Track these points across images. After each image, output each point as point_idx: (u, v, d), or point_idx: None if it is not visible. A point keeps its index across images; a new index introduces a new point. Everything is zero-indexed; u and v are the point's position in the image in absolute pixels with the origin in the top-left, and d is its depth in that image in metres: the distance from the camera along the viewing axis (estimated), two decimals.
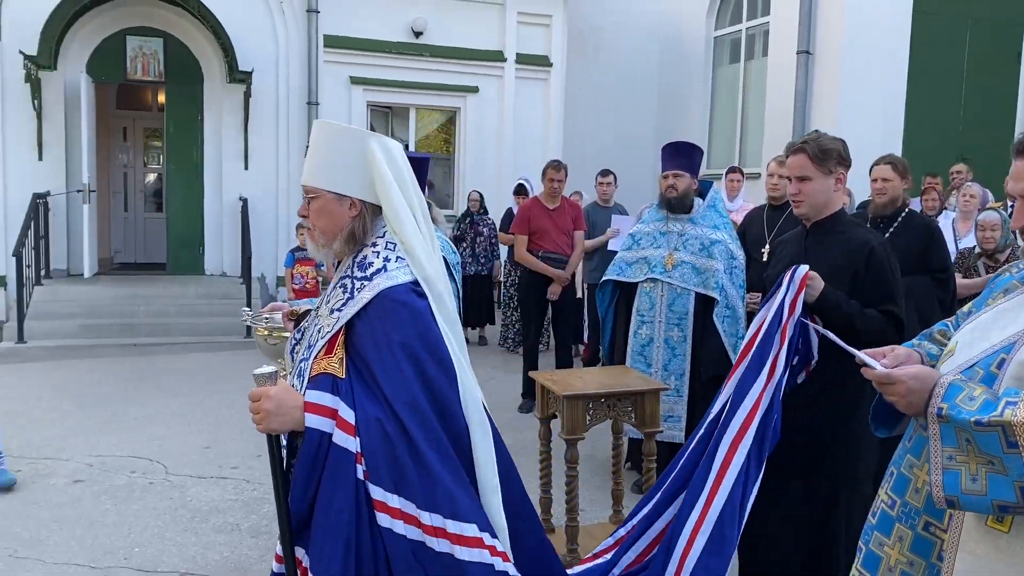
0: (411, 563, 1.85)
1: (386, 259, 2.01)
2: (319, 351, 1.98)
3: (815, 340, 2.81)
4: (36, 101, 10.26)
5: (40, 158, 10.48)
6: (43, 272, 10.25)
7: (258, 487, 4.95)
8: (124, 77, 11.15)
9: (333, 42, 11.39)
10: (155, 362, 8.49)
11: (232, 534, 4.34)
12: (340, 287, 2.04)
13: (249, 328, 7.18)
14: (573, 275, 6.97)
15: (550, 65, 12.49)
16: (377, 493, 1.85)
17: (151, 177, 13.98)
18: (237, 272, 10.98)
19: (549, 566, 2.21)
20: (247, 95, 10.90)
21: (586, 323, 8.26)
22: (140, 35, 10.98)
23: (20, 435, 5.81)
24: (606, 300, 5.19)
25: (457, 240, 9.36)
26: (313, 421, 1.87)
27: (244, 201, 10.96)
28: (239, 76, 10.60)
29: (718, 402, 2.85)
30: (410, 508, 1.85)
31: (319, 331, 2.03)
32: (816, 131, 3.18)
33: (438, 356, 1.92)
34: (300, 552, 1.96)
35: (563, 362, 6.93)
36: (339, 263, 2.12)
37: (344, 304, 1.99)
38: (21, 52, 9.86)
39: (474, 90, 12.22)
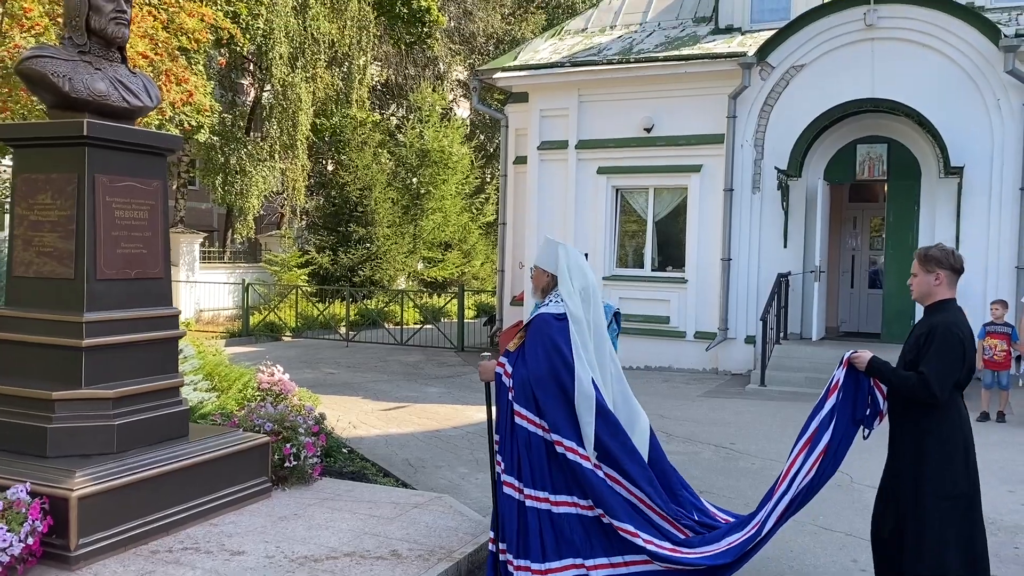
0: (527, 442, 4.18)
1: (554, 301, 4.36)
2: (512, 338, 4.48)
3: (881, 398, 4.24)
4: (784, 203, 13.34)
5: (785, 246, 13.52)
6: (781, 334, 13.16)
7: None
8: (853, 178, 13.56)
9: None
10: None
11: None
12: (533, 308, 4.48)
13: None
14: None
15: None
16: (515, 406, 4.24)
17: (874, 259, 16.03)
18: None
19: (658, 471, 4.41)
20: (959, 187, 12.17)
21: None
22: (868, 143, 13.27)
23: (760, 444, 8.45)
24: None
25: None
26: (498, 371, 4.37)
27: None
28: (952, 170, 11.97)
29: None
30: (532, 416, 4.19)
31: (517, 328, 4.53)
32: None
33: (558, 349, 4.20)
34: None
35: None
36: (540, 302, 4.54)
37: (530, 317, 4.41)
38: (776, 168, 13.07)
39: None
